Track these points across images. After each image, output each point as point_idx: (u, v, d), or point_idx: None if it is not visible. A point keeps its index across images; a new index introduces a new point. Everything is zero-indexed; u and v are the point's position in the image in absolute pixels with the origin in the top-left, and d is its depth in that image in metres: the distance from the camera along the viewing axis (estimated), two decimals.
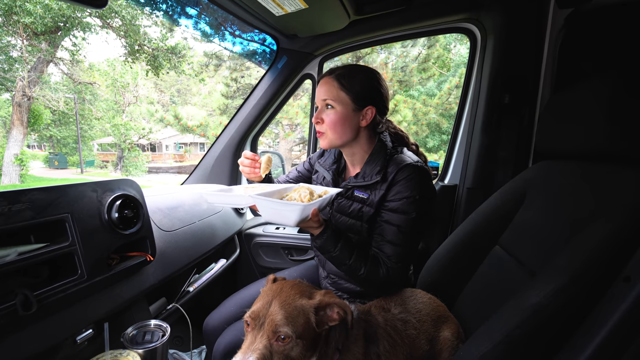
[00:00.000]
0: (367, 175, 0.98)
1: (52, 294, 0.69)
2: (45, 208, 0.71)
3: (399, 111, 6.49)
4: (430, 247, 1.55)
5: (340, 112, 0.96)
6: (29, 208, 0.68)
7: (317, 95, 1.00)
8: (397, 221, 0.91)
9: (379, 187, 0.95)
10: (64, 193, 0.76)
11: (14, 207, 0.65)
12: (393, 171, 0.94)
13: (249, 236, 1.73)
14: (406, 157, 0.97)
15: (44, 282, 0.72)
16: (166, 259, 1.06)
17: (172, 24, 9.20)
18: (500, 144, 1.37)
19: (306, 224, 0.82)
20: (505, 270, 0.92)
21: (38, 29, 9.01)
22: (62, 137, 17.52)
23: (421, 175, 0.93)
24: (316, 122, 1.00)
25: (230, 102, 8.25)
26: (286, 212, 0.75)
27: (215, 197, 0.91)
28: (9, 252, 0.64)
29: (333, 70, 0.99)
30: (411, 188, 0.91)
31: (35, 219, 0.69)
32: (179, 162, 21.26)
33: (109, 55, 33.31)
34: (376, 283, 0.91)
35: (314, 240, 0.89)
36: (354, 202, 1.00)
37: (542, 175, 0.96)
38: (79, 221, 0.78)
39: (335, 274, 1.10)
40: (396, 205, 0.92)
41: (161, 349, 0.82)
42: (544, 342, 0.61)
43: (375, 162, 0.98)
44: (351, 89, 0.95)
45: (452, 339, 0.88)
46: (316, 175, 1.19)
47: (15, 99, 9.95)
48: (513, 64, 1.31)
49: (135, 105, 16.71)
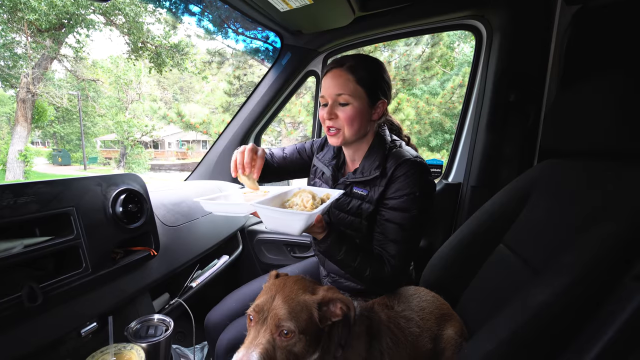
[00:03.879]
0: (366, 171, 0.95)
1: (57, 287, 0.69)
2: (50, 201, 0.71)
3: (402, 110, 6.47)
4: (433, 245, 1.55)
5: (357, 107, 0.91)
6: (34, 201, 0.68)
7: (327, 90, 0.93)
8: (398, 219, 0.89)
9: (378, 183, 0.93)
10: (69, 186, 0.76)
11: (20, 199, 0.65)
12: (392, 166, 0.92)
13: (252, 233, 1.73)
14: (405, 152, 0.95)
15: (49, 274, 0.72)
16: (169, 254, 1.06)
17: (175, 21, 9.21)
18: (505, 142, 1.36)
19: (310, 230, 0.80)
20: (510, 269, 0.91)
21: (42, 26, 9.04)
22: (65, 134, 17.62)
23: (420, 170, 0.91)
24: (329, 119, 0.93)
25: (233, 100, 8.26)
26: (290, 222, 0.72)
27: (214, 206, 0.86)
28: (15, 245, 0.64)
29: (342, 61, 0.93)
30: (411, 185, 0.89)
31: (40, 212, 0.69)
32: (182, 160, 21.32)
33: (112, 52, 33.45)
34: (381, 282, 0.90)
35: (318, 245, 0.86)
36: (353, 199, 0.98)
37: (548, 173, 0.95)
38: (84, 215, 0.78)
39: (335, 272, 1.09)
40: (397, 203, 0.90)
41: (164, 343, 0.82)
42: (548, 341, 0.61)
43: (374, 156, 0.96)
44: (366, 82, 0.91)
45: (456, 337, 0.87)
46: (314, 169, 1.16)
47: (19, 95, 9.98)
48: (519, 62, 1.30)
49: (138, 102, 16.76)
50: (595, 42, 1.11)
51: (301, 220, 0.71)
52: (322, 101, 0.96)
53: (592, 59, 1.10)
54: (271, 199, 0.83)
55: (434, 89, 9.10)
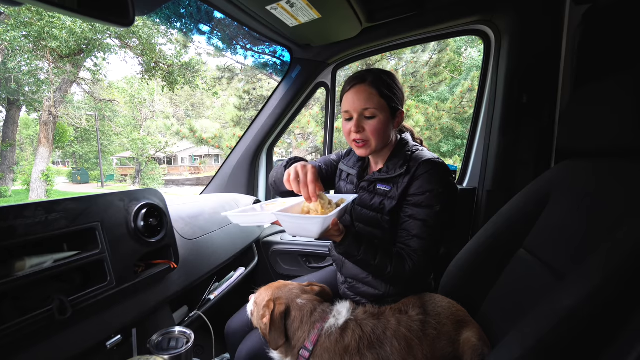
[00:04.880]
0: (391, 170, 1.01)
1: (84, 300, 0.71)
2: (77, 217, 0.74)
3: (411, 116, 6.45)
4: (451, 252, 1.52)
5: (382, 119, 0.97)
6: (64, 217, 0.71)
7: (352, 105, 0.97)
8: (422, 215, 0.93)
9: (402, 180, 0.97)
10: (95, 202, 0.79)
11: (50, 216, 0.68)
12: (414, 165, 0.96)
13: (267, 244, 1.74)
14: (426, 153, 1.00)
15: (76, 288, 0.75)
16: (189, 267, 1.08)
17: (186, 41, 9.55)
18: (519, 144, 1.34)
19: (327, 233, 0.84)
20: (532, 273, 0.89)
21: (63, 52, 9.54)
22: (84, 153, 18.29)
23: (443, 170, 0.96)
24: (357, 132, 0.98)
25: (244, 114, 8.43)
26: (308, 225, 0.78)
27: (240, 218, 0.93)
28: (46, 260, 0.67)
29: (363, 77, 0.98)
30: (433, 182, 0.93)
31: (69, 228, 0.72)
32: (195, 174, 21.73)
33: (127, 73, 34.92)
34: (404, 278, 0.92)
35: (337, 247, 0.91)
36: (376, 196, 1.02)
37: (567, 174, 0.93)
38: (108, 229, 0.81)
39: (353, 277, 1.10)
40: (420, 199, 0.93)
41: (186, 355, 0.83)
42: (577, 347, 0.58)
43: (397, 158, 1.01)
44: (386, 95, 0.97)
45: (475, 341, 0.85)
46: (340, 173, 1.22)
47: (42, 118, 10.49)
48: (530, 63, 1.29)
49: (152, 120, 17.31)
50: (607, 39, 1.10)
51: (317, 224, 0.75)
52: (346, 116, 1.01)
53: (605, 57, 1.08)
54: (290, 207, 0.89)
55: (443, 95, 9.07)
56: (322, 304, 0.91)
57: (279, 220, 0.80)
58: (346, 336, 0.82)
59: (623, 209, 0.70)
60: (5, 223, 0.61)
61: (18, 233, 0.63)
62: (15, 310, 0.62)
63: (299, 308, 0.88)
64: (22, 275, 0.62)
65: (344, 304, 0.91)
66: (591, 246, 0.70)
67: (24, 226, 0.64)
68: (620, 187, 0.74)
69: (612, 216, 0.71)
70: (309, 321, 0.85)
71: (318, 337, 0.83)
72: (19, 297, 0.65)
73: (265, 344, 0.95)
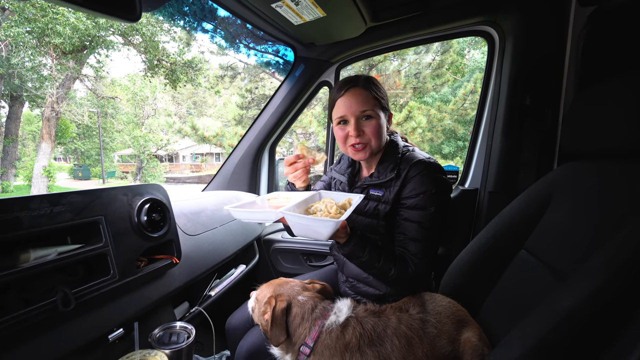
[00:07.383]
0: (382, 174, 1.00)
1: (87, 292, 0.72)
2: (82, 210, 0.75)
3: (413, 118, 6.45)
4: (452, 253, 1.52)
5: (380, 119, 0.98)
6: (68, 210, 0.72)
7: (349, 108, 0.96)
8: (417, 217, 0.92)
9: (394, 184, 0.97)
10: (99, 196, 0.80)
11: (55, 208, 0.69)
12: (405, 168, 0.96)
13: (268, 242, 1.74)
14: (418, 154, 0.99)
15: (80, 280, 0.75)
16: (190, 263, 1.08)
17: (189, 39, 9.56)
18: (522, 146, 1.34)
19: (334, 234, 0.83)
20: (534, 274, 0.89)
21: (66, 49, 9.55)
22: (85, 150, 18.32)
23: (434, 169, 0.95)
24: (357, 135, 0.96)
25: (245, 113, 8.44)
26: (318, 228, 0.75)
27: (243, 214, 0.86)
28: (50, 252, 0.67)
29: (356, 80, 0.98)
30: (426, 183, 0.92)
31: (73, 220, 0.72)
32: (196, 172, 21.74)
33: (129, 70, 34.98)
34: (406, 281, 0.92)
35: (342, 248, 0.90)
36: (370, 201, 1.02)
37: (569, 176, 0.93)
38: (112, 223, 0.81)
39: (354, 277, 1.10)
40: (414, 202, 0.93)
41: (187, 350, 0.83)
42: (577, 347, 0.58)
43: (388, 161, 1.01)
44: (379, 96, 0.98)
45: (475, 341, 0.85)
46: (334, 181, 1.21)
47: (44, 114, 10.50)
48: (534, 65, 1.29)
49: (153, 117, 17.31)
50: (612, 42, 1.09)
51: (329, 227, 0.73)
52: (340, 120, 1.00)
53: (610, 59, 1.08)
54: (296, 205, 0.86)
55: (446, 96, 9.05)
56: (323, 301, 0.91)
57: (288, 220, 0.77)
58: (347, 333, 0.82)
59: (627, 207, 0.70)
60: (10, 215, 0.62)
61: (23, 225, 0.64)
62: (19, 302, 0.63)
63: (300, 305, 0.88)
64: (26, 266, 0.63)
65: (345, 302, 0.91)
66: (593, 248, 0.70)
67: (29, 218, 0.65)
68: (625, 187, 0.74)
69: (616, 216, 0.72)
70: (310, 318, 0.86)
71: (319, 334, 0.83)
72: (23, 289, 0.65)
73: (265, 341, 0.95)
